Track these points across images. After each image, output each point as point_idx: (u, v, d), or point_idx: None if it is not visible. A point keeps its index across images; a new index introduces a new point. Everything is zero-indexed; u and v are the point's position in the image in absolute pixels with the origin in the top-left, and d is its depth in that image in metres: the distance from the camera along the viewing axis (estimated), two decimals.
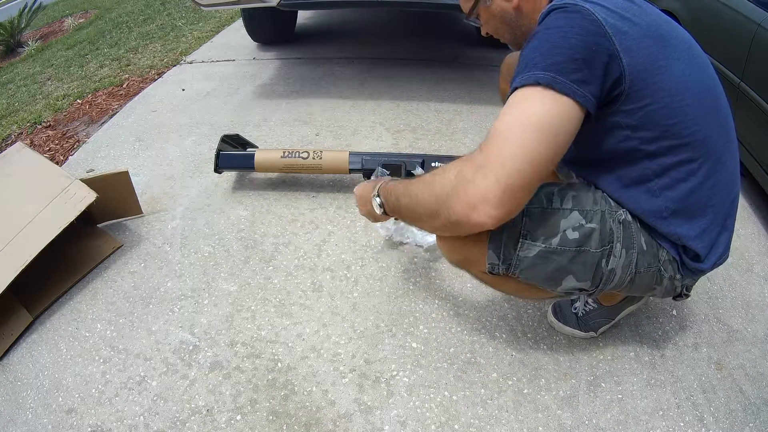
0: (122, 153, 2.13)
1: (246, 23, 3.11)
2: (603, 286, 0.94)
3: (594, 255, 0.90)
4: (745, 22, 1.71)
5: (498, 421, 1.08)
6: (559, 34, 0.77)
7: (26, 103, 3.03)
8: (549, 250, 0.88)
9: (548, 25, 0.80)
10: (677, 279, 0.98)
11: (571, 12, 0.78)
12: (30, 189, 1.54)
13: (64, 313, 1.37)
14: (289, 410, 1.11)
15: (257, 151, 1.76)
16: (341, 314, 1.33)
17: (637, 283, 0.97)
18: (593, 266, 0.90)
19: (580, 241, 0.88)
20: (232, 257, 1.53)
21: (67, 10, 5.87)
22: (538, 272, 0.91)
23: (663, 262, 0.95)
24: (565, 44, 0.76)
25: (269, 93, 2.62)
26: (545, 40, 0.78)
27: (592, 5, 0.78)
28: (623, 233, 0.91)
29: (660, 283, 0.98)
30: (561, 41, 0.77)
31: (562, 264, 0.89)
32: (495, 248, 0.91)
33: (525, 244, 0.89)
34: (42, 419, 1.12)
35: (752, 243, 1.56)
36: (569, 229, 0.88)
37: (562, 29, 0.77)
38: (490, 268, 0.93)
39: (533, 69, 0.76)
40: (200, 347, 1.26)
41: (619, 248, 0.91)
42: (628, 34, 0.78)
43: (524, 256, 0.89)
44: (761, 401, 1.11)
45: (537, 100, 0.75)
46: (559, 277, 0.91)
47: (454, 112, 2.33)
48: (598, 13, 0.77)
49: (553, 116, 0.74)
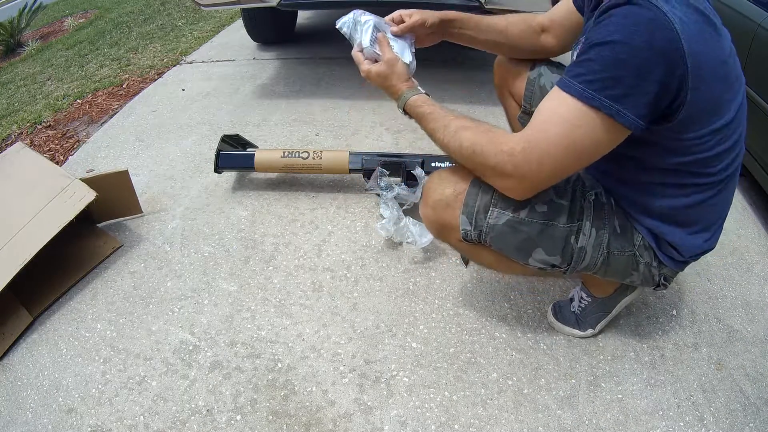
0: (122, 153, 2.13)
1: (246, 23, 3.10)
2: (575, 264, 0.97)
3: (562, 230, 0.93)
4: (745, 22, 1.71)
5: (498, 421, 1.07)
6: (635, 52, 0.71)
7: (26, 103, 3.03)
8: (517, 220, 0.93)
9: (625, 32, 0.71)
10: (654, 267, 1.00)
11: (657, 27, 0.70)
12: (30, 189, 1.54)
13: (64, 313, 1.37)
14: (289, 410, 1.11)
15: (257, 151, 1.76)
16: (341, 314, 1.33)
17: (612, 267, 1.00)
18: (561, 241, 0.94)
19: (547, 215, 0.93)
20: (232, 257, 1.53)
21: (67, 10, 5.87)
22: (507, 241, 0.95)
23: (638, 247, 0.98)
24: (639, 70, 0.71)
25: (269, 93, 2.62)
26: (618, 52, 0.71)
27: (678, 20, 0.70)
28: (594, 213, 0.95)
29: (636, 268, 1.00)
30: (635, 62, 0.71)
31: (530, 235, 0.93)
32: (468, 214, 0.95)
33: (495, 212, 0.93)
34: (42, 419, 1.12)
35: (752, 243, 1.56)
36: (539, 202, 0.93)
37: (639, 47, 0.70)
38: (463, 234, 0.97)
39: (598, 90, 0.73)
40: (200, 347, 1.26)
41: (588, 227, 0.95)
42: (702, 68, 0.73)
43: (494, 224, 0.94)
44: (761, 401, 1.11)
45: (591, 127, 0.76)
46: (528, 248, 0.95)
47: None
48: (683, 38, 0.70)
49: (601, 143, 0.78)
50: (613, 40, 0.72)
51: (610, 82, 0.73)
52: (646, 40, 0.70)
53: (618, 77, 0.72)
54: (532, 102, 1.24)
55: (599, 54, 0.73)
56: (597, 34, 0.74)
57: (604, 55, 0.73)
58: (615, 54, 0.72)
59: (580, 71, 0.76)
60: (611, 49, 0.72)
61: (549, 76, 1.21)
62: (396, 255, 1.51)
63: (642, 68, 0.71)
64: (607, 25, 0.73)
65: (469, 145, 0.87)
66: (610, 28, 0.72)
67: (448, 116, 0.93)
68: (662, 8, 0.70)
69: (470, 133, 0.87)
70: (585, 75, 0.75)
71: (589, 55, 0.74)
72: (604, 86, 0.73)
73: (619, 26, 0.72)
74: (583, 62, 0.75)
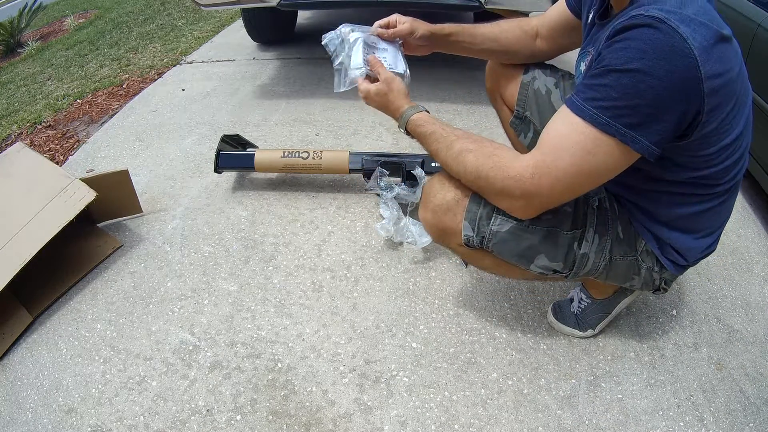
0: (122, 153, 2.13)
1: (246, 23, 3.10)
2: (577, 269, 0.97)
3: (565, 237, 0.93)
4: (745, 22, 1.71)
5: (498, 421, 1.07)
6: (655, 82, 0.69)
7: (26, 103, 3.03)
8: (521, 227, 0.92)
9: (645, 60, 0.69)
10: (656, 271, 1.00)
11: (677, 55, 0.68)
12: (30, 189, 1.54)
13: (64, 313, 1.37)
14: (289, 410, 1.11)
15: (257, 151, 1.76)
16: (341, 314, 1.33)
17: (614, 271, 1.00)
18: (564, 248, 0.94)
19: (552, 222, 0.92)
20: (232, 257, 1.53)
21: (67, 10, 5.87)
22: (510, 248, 0.94)
23: (641, 252, 0.98)
24: (658, 100, 0.70)
25: (269, 93, 2.62)
26: (638, 81, 0.70)
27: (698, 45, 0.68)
28: (597, 219, 0.95)
29: (638, 273, 1.00)
30: (654, 92, 0.69)
31: (533, 242, 0.93)
32: (471, 221, 0.94)
33: (498, 218, 0.92)
34: (42, 419, 1.12)
35: (752, 243, 1.56)
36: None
37: (659, 77, 0.69)
38: (465, 239, 0.96)
39: (614, 117, 0.72)
40: (200, 347, 1.26)
41: (592, 233, 0.94)
42: (717, 91, 0.72)
43: (497, 231, 0.93)
44: (761, 401, 1.11)
45: (605, 154, 0.75)
46: (531, 255, 0.94)
47: (454, 112, 2.33)
48: (701, 63, 0.69)
49: (614, 168, 0.78)
50: (632, 69, 0.69)
51: (627, 111, 0.71)
52: (667, 70, 0.68)
53: (636, 106, 0.71)
54: (525, 106, 1.23)
55: (618, 81, 0.71)
56: (615, 58, 0.71)
57: (623, 83, 0.71)
58: (634, 83, 0.70)
59: (595, 96, 0.73)
60: (631, 77, 0.70)
61: (543, 80, 1.20)
62: (396, 255, 1.51)
63: (661, 98, 0.70)
64: (626, 49, 0.70)
65: (473, 170, 0.86)
66: (630, 53, 0.70)
67: (450, 136, 0.92)
68: (682, 33, 0.68)
69: (473, 156, 0.86)
70: (601, 101, 0.73)
71: (606, 81, 0.72)
72: (621, 114, 0.72)
73: (639, 53, 0.69)
74: (598, 87, 0.73)
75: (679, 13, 0.69)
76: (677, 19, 0.68)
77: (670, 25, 0.68)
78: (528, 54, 1.20)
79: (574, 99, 0.77)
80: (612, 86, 0.72)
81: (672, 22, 0.68)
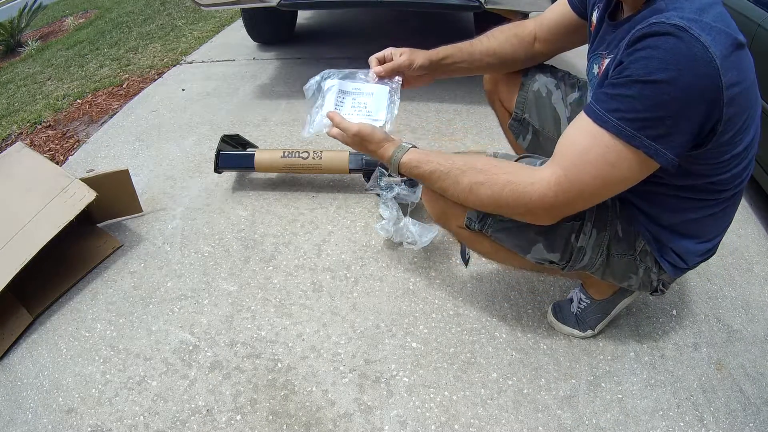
0: (122, 153, 2.13)
1: (246, 23, 3.10)
2: (573, 262, 0.97)
3: (564, 228, 0.94)
4: (745, 22, 1.71)
5: (498, 421, 1.07)
6: (679, 93, 0.69)
7: (26, 103, 3.03)
8: None
9: (669, 70, 0.68)
10: (654, 272, 1.00)
11: (700, 64, 0.67)
12: (30, 189, 1.54)
13: (64, 313, 1.37)
14: (289, 410, 1.11)
15: (257, 151, 1.76)
16: (341, 314, 1.33)
17: (611, 269, 1.00)
18: (562, 239, 0.94)
19: None
20: (232, 257, 1.53)
21: (67, 10, 5.87)
22: (508, 235, 0.96)
23: (639, 252, 0.98)
24: (681, 111, 0.70)
25: (269, 93, 2.62)
26: (662, 92, 0.69)
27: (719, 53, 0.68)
28: (596, 214, 0.95)
29: (636, 272, 1.00)
30: (678, 103, 0.69)
31: (532, 231, 0.94)
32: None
33: None
34: (42, 419, 1.12)
35: (752, 243, 1.56)
36: None
37: (683, 88, 0.68)
38: (467, 222, 0.97)
39: (638, 129, 0.71)
40: (200, 347, 1.26)
41: (589, 227, 0.95)
42: (735, 99, 0.72)
43: (499, 218, 0.94)
44: (761, 401, 1.11)
45: (627, 166, 0.74)
46: (529, 243, 0.96)
47: (454, 112, 2.33)
48: (722, 72, 0.68)
49: (634, 179, 0.77)
50: (656, 80, 0.69)
51: (651, 123, 0.71)
52: (690, 81, 0.68)
53: (660, 118, 0.70)
54: (524, 108, 1.23)
55: (641, 92, 0.70)
56: (638, 68, 0.70)
57: (646, 94, 0.70)
58: (658, 94, 0.69)
59: (618, 107, 0.72)
60: (654, 88, 0.69)
61: (543, 81, 1.20)
62: (396, 255, 1.51)
63: (684, 109, 0.70)
64: (648, 59, 0.69)
65: (491, 202, 0.86)
66: (653, 63, 0.69)
67: (453, 170, 0.88)
68: (704, 41, 0.67)
69: (487, 189, 0.84)
70: (624, 112, 0.72)
71: (630, 92, 0.71)
72: (645, 126, 0.71)
73: (663, 63, 0.68)
74: (621, 98, 0.72)
75: (699, 20, 0.69)
76: (699, 27, 0.68)
77: (692, 34, 0.67)
78: (527, 60, 1.19)
79: (596, 109, 0.75)
80: (636, 97, 0.71)
81: (694, 30, 0.67)
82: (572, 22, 1.10)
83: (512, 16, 2.44)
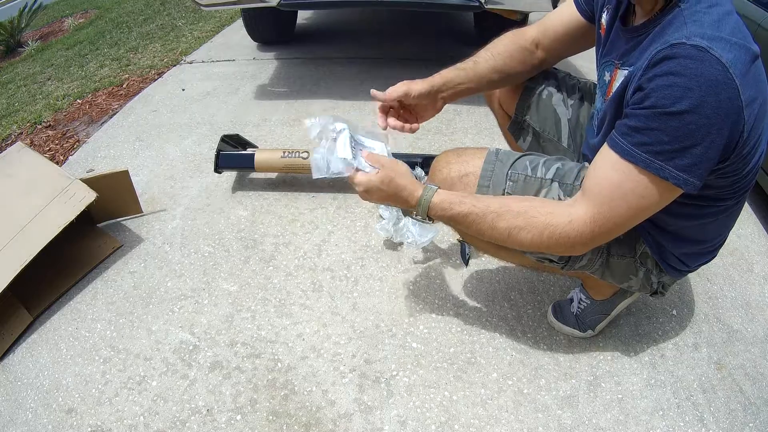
0: (122, 153, 2.13)
1: (246, 23, 3.10)
2: (572, 262, 0.97)
3: None
4: (745, 22, 1.71)
5: (498, 421, 1.07)
6: (704, 121, 0.69)
7: (26, 103, 3.03)
8: None
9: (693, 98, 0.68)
10: (654, 274, 1.00)
11: (723, 88, 0.67)
12: (30, 189, 1.54)
13: (64, 313, 1.37)
14: (289, 410, 1.11)
15: (257, 151, 1.76)
16: (341, 314, 1.33)
17: (611, 270, 1.00)
18: None
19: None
20: (232, 257, 1.53)
21: (67, 10, 5.87)
22: None
23: (640, 254, 0.98)
24: (707, 138, 0.70)
25: (269, 93, 2.62)
26: (687, 123, 0.69)
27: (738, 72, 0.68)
28: None
29: (636, 274, 1.00)
30: (703, 131, 0.69)
31: None
32: None
33: None
34: (42, 419, 1.12)
35: (752, 243, 1.56)
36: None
37: (708, 115, 0.68)
38: None
39: (666, 161, 0.72)
40: (200, 347, 1.26)
41: None
42: (754, 117, 0.72)
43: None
44: (761, 401, 1.11)
45: (658, 195, 0.75)
46: None
47: (454, 112, 2.33)
48: (741, 92, 0.68)
49: (662, 205, 0.78)
50: (680, 111, 0.69)
51: (678, 153, 0.71)
52: (715, 107, 0.68)
53: (686, 147, 0.71)
54: (525, 110, 1.21)
55: (667, 124, 0.70)
56: (661, 98, 0.70)
57: (672, 125, 0.70)
58: (684, 125, 0.69)
59: (644, 140, 0.73)
60: (679, 119, 0.69)
61: (543, 83, 1.18)
62: (396, 255, 1.51)
63: (710, 136, 0.70)
64: (671, 87, 0.69)
65: (531, 245, 0.86)
66: (676, 92, 0.69)
67: (488, 214, 0.87)
68: (725, 62, 0.67)
69: (527, 234, 0.84)
70: (651, 145, 0.72)
71: (654, 124, 0.72)
72: (673, 157, 0.72)
73: (686, 90, 0.68)
74: (647, 131, 0.72)
75: (719, 37, 0.68)
76: (719, 47, 0.67)
77: (714, 55, 0.67)
78: (530, 70, 1.15)
79: (621, 143, 0.75)
80: (662, 130, 0.71)
81: (715, 51, 0.67)
82: (580, 27, 1.06)
83: (512, 16, 2.44)
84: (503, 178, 0.94)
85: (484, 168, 0.96)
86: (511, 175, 0.94)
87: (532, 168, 0.95)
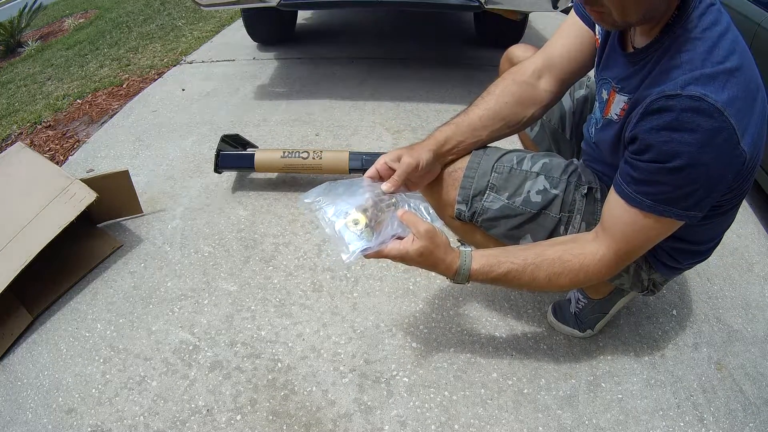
0: (122, 153, 2.13)
1: (246, 23, 3.10)
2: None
3: (553, 219, 0.95)
4: (745, 22, 1.71)
5: (498, 421, 1.08)
6: (704, 170, 0.72)
7: (26, 103, 3.03)
8: (511, 207, 0.95)
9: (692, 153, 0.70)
10: (644, 270, 1.01)
11: (722, 138, 0.69)
12: (30, 189, 1.54)
13: (64, 313, 1.37)
14: (289, 410, 1.11)
15: (257, 151, 1.76)
16: (341, 314, 1.33)
17: None
18: (550, 231, 0.96)
19: (542, 204, 0.95)
20: (232, 257, 1.53)
21: (67, 10, 5.87)
22: (498, 225, 0.97)
23: None
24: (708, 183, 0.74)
25: (269, 93, 2.62)
26: (688, 174, 0.72)
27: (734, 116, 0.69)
28: (585, 207, 0.96)
29: (627, 270, 1.01)
30: (704, 178, 0.73)
31: (520, 222, 0.96)
32: (464, 195, 0.97)
33: (491, 195, 0.95)
34: (42, 419, 1.12)
35: (752, 243, 1.56)
36: (533, 192, 0.94)
37: (708, 165, 0.71)
38: (457, 213, 0.98)
39: (671, 204, 0.76)
40: (200, 347, 1.26)
41: (578, 220, 0.96)
42: (754, 154, 0.75)
43: (488, 207, 0.96)
44: (761, 401, 1.11)
45: (665, 229, 0.82)
46: (517, 234, 0.97)
47: (454, 112, 2.30)
48: (739, 135, 0.70)
49: (670, 232, 0.83)
50: (680, 166, 0.71)
51: (682, 198, 0.75)
52: (714, 157, 0.71)
53: (689, 193, 0.75)
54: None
55: (668, 177, 0.74)
56: (659, 153, 0.72)
57: (674, 177, 0.73)
58: (685, 176, 0.73)
59: (648, 190, 0.77)
60: (680, 173, 0.73)
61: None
62: None
63: (711, 182, 0.74)
64: (669, 142, 0.71)
65: (569, 286, 0.90)
66: (674, 147, 0.71)
67: (527, 267, 0.88)
68: (721, 107, 0.68)
69: (566, 279, 0.88)
70: (655, 195, 0.76)
71: (656, 177, 0.75)
72: (677, 201, 0.76)
73: (684, 145, 0.70)
74: (650, 182, 0.76)
75: (713, 75, 0.69)
76: (714, 91, 0.68)
77: (710, 103, 0.68)
78: (539, 109, 1.04)
79: (627, 191, 0.79)
80: (663, 182, 0.75)
81: (710, 98, 0.68)
82: (591, 39, 0.98)
83: (512, 16, 2.44)
84: (489, 169, 0.96)
85: (471, 161, 0.99)
86: (497, 167, 0.96)
87: (518, 161, 0.97)
